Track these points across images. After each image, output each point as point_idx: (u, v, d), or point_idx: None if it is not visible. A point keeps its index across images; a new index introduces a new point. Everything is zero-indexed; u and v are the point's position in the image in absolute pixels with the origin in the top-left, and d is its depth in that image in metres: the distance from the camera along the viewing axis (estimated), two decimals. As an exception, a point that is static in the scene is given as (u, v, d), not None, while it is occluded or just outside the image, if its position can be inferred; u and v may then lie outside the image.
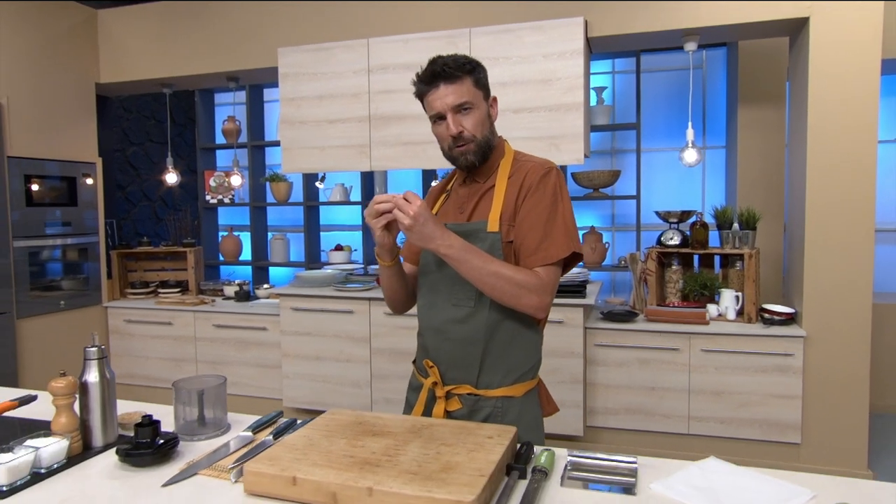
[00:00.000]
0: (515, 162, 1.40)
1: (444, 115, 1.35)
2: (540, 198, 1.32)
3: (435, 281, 1.41)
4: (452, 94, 1.33)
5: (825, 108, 2.75)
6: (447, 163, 3.40)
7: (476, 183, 1.43)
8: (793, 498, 1.04)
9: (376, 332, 3.39)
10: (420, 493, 0.97)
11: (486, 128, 1.38)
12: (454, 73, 1.33)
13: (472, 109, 1.35)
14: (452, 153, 1.40)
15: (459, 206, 1.44)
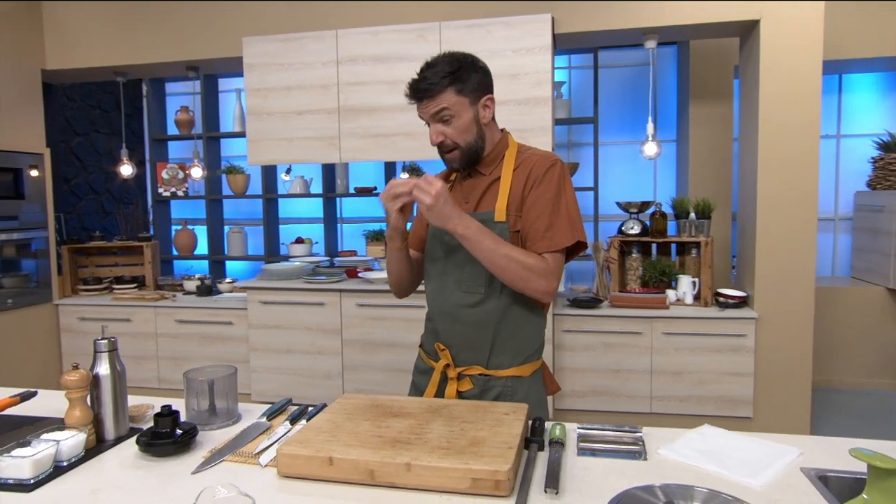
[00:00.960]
0: (520, 154, 1.46)
1: (429, 123, 1.41)
2: (546, 188, 1.38)
3: (443, 267, 1.46)
4: (431, 107, 1.38)
5: (774, 106, 2.95)
6: (418, 154, 3.43)
7: (480, 175, 1.47)
8: (784, 455, 1.15)
9: (347, 323, 3.40)
10: (457, 466, 1.02)
11: (472, 133, 1.40)
12: (432, 88, 1.37)
13: (454, 118, 1.38)
14: (442, 157, 1.46)
15: (465, 197, 1.48)
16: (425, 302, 1.56)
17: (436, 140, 1.40)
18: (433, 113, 1.38)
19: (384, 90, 3.29)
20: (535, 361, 1.48)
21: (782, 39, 2.91)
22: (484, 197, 1.44)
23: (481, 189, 1.45)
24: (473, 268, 1.40)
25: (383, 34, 3.27)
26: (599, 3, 3.08)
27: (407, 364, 3.28)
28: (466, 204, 1.47)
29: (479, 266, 1.38)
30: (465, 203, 1.47)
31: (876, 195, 4.05)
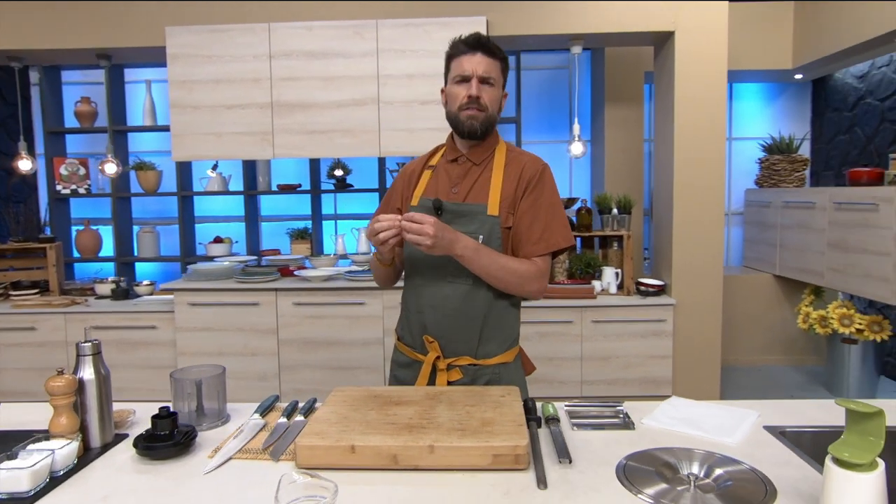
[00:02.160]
0: (509, 152, 1.53)
1: (470, 78, 1.45)
2: (540, 192, 1.47)
3: (426, 260, 1.50)
4: (485, 65, 1.45)
5: (687, 110, 3.24)
6: (356, 151, 3.42)
7: (470, 164, 1.52)
8: (746, 418, 1.31)
9: (284, 322, 3.33)
10: (478, 444, 1.08)
11: (496, 107, 1.50)
12: (494, 50, 1.47)
13: (494, 87, 1.47)
14: (461, 115, 1.47)
15: (452, 184, 1.52)
16: (364, 299, 1.59)
17: (476, 92, 1.44)
18: (483, 73, 1.44)
19: (320, 86, 3.26)
20: (515, 347, 1.56)
21: (694, 50, 3.20)
22: (473, 188, 1.49)
23: (472, 179, 1.50)
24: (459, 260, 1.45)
25: (318, 29, 3.23)
26: (531, 10, 3.23)
27: (347, 362, 3.29)
28: (454, 192, 1.51)
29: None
30: (453, 191, 1.51)
31: (763, 192, 4.53)
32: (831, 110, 4.61)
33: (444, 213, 1.47)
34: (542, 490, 1.02)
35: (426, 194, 1.54)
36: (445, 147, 1.61)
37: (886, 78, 4.01)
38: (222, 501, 1.00)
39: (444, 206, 1.47)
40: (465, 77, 1.47)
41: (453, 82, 1.51)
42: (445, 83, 1.55)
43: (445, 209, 1.47)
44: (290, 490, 0.74)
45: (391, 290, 3.28)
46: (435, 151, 1.64)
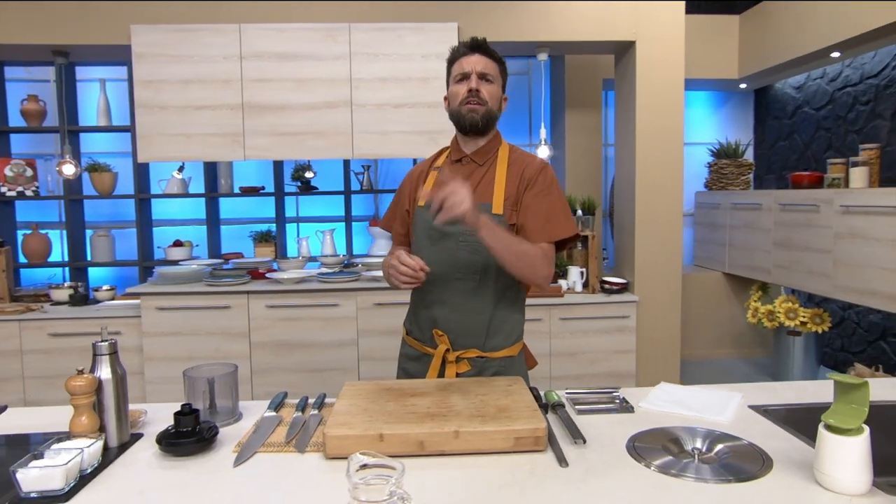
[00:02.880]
0: (512, 153, 1.60)
1: (469, 75, 1.52)
2: (542, 187, 1.53)
3: (434, 257, 1.55)
4: (483, 63, 1.53)
5: (648, 116, 3.41)
6: (328, 153, 3.41)
7: (475, 164, 1.58)
8: (731, 399, 1.43)
9: (256, 325, 3.30)
10: (501, 428, 1.15)
11: (496, 104, 1.56)
12: (491, 52, 1.56)
13: (493, 84, 1.54)
14: (461, 109, 1.53)
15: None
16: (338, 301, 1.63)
17: (475, 86, 1.51)
18: (482, 71, 1.52)
19: (291, 88, 3.26)
20: (520, 341, 1.64)
21: (653, 58, 3.38)
22: (478, 188, 1.55)
23: (476, 179, 1.56)
24: (467, 256, 1.51)
25: (290, 31, 3.23)
26: (501, 18, 3.33)
27: (321, 364, 3.30)
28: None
29: (471, 255, 1.50)
30: None
31: (712, 195, 4.79)
32: (772, 118, 4.93)
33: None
34: (564, 468, 1.09)
35: (433, 193, 1.59)
36: (450, 149, 1.66)
37: (821, 89, 4.33)
38: (260, 491, 1.03)
39: None
40: (464, 75, 1.54)
41: (454, 82, 1.57)
42: (447, 86, 1.61)
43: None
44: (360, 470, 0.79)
45: (365, 292, 3.31)
46: (440, 154, 1.69)
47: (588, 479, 1.06)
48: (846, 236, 3.28)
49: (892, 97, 3.70)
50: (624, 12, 3.35)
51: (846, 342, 4.17)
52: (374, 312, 3.32)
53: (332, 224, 4.61)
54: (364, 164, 4.39)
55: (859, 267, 3.19)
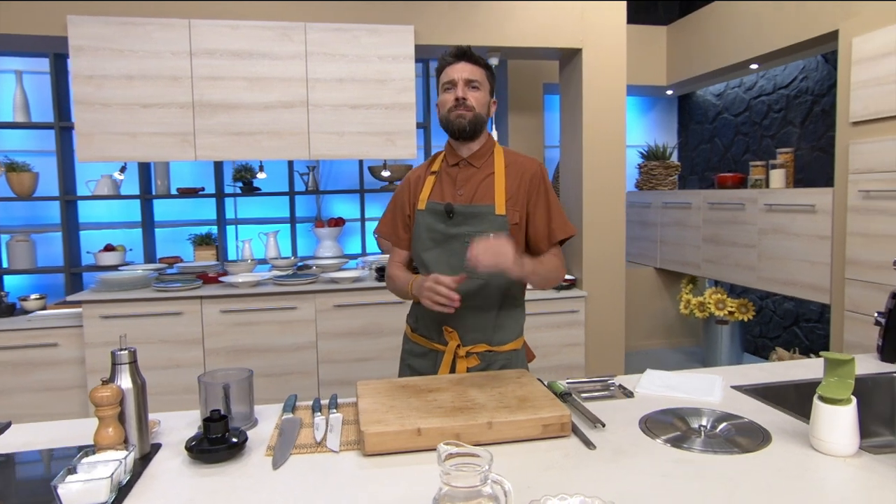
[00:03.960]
0: (507, 155, 1.66)
1: (456, 83, 1.57)
2: (540, 194, 1.62)
3: (440, 256, 1.60)
4: (469, 71, 1.58)
5: (594, 119, 3.60)
6: (283, 154, 3.36)
7: (472, 167, 1.63)
8: (714, 382, 1.57)
9: (210, 331, 3.20)
10: (530, 417, 1.22)
11: (484, 109, 1.60)
12: (476, 59, 1.60)
13: (479, 90, 1.59)
14: (450, 116, 1.58)
15: (456, 187, 1.62)
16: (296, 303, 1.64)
17: (462, 94, 1.56)
18: (468, 78, 1.57)
19: (245, 87, 3.18)
20: (522, 336, 1.71)
21: (599, 65, 3.57)
22: (478, 190, 1.61)
23: (476, 182, 1.61)
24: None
25: (244, 29, 3.15)
26: (455, 22, 3.40)
27: (279, 368, 3.25)
28: (459, 194, 1.61)
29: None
30: (458, 193, 1.61)
31: (643, 194, 5.09)
32: (695, 123, 5.30)
33: (455, 216, 1.59)
34: (592, 450, 1.18)
35: (432, 198, 1.64)
36: (445, 153, 1.70)
37: (738, 97, 4.72)
38: (308, 492, 1.04)
39: (454, 209, 1.58)
40: (451, 83, 1.59)
41: (442, 91, 1.62)
42: (437, 95, 1.66)
43: (456, 212, 1.58)
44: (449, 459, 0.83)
45: (323, 294, 3.28)
46: (435, 158, 1.73)
47: (618, 458, 1.15)
48: (769, 232, 3.61)
49: (800, 106, 4.10)
50: (571, 20, 3.51)
51: (764, 329, 4.57)
52: (333, 314, 3.30)
53: (275, 226, 4.52)
54: (309, 165, 4.33)
55: (781, 260, 3.52)
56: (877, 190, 2.81)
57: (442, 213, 1.60)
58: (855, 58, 2.92)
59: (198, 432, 1.21)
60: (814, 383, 1.25)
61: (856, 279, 2.95)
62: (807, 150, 4.03)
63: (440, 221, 1.61)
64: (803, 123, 4.08)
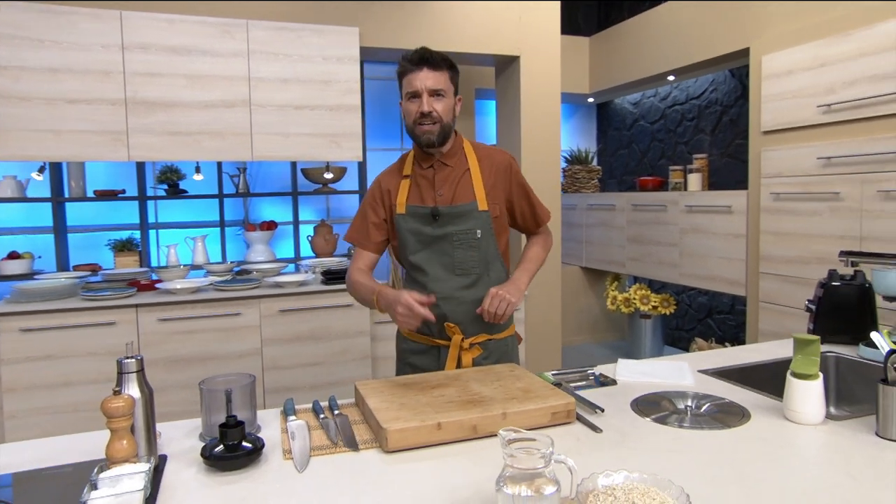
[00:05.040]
0: (476, 149, 1.71)
1: (420, 94, 1.55)
2: (517, 184, 1.72)
3: (430, 256, 1.63)
4: (432, 79, 1.56)
5: (532, 124, 3.75)
6: (225, 155, 3.26)
7: (446, 166, 1.67)
8: (682, 368, 1.71)
9: (147, 341, 3.02)
10: (540, 406, 1.28)
11: (450, 116, 1.62)
12: (438, 63, 1.57)
13: (444, 97, 1.58)
14: (416, 130, 1.59)
15: (434, 189, 1.66)
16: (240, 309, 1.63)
17: (428, 108, 1.55)
18: (431, 87, 1.55)
19: (184, 84, 3.04)
20: (513, 322, 1.81)
21: (536, 72, 3.72)
22: (458, 189, 1.65)
23: (454, 181, 1.66)
24: (464, 252, 1.62)
25: (181, 24, 3.01)
26: (400, 26, 3.43)
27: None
28: (439, 195, 1.65)
29: (468, 251, 1.62)
30: (438, 195, 1.65)
31: (568, 197, 5.34)
32: (613, 129, 5.63)
33: (441, 217, 1.63)
34: (599, 433, 1.26)
35: (410, 201, 1.67)
36: (413, 154, 1.72)
37: (654, 106, 5.07)
38: (343, 490, 1.05)
39: (440, 212, 1.62)
40: (415, 93, 1.57)
41: (406, 99, 1.61)
42: (401, 97, 1.65)
43: (441, 214, 1.63)
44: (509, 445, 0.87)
45: (268, 299, 3.20)
46: (404, 160, 1.74)
47: (625, 439, 1.23)
48: (690, 231, 3.92)
49: (711, 115, 4.47)
50: (509, 27, 3.64)
51: (680, 322, 4.93)
52: (278, 320, 3.22)
53: (203, 230, 4.33)
54: (239, 167, 4.19)
55: (701, 257, 3.83)
56: (786, 192, 3.14)
57: (427, 216, 1.63)
58: (764, 74, 3.25)
59: (210, 440, 1.17)
60: (767, 364, 1.41)
61: (768, 273, 3.28)
62: (717, 156, 4.41)
63: (425, 224, 1.64)
64: (713, 131, 4.45)
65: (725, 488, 1.02)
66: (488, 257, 1.66)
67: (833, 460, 1.13)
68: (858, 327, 1.83)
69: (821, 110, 2.93)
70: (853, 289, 1.86)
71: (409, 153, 1.76)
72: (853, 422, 1.29)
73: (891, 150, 2.62)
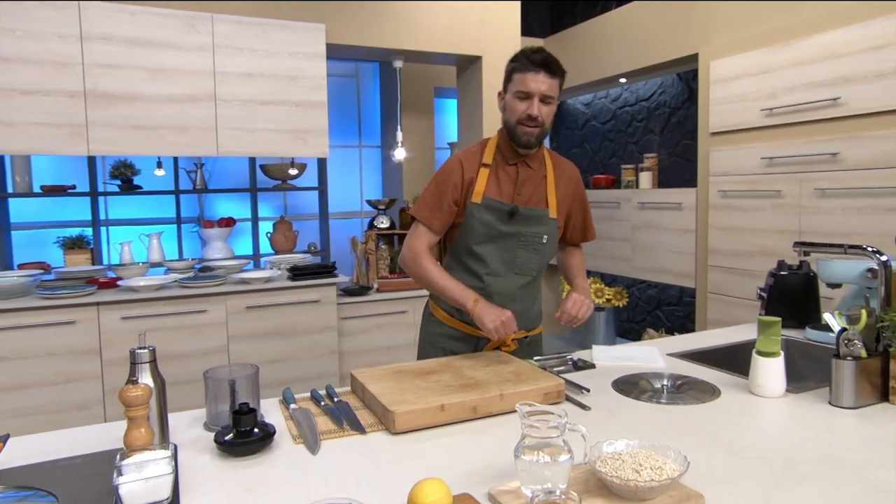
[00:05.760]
0: (552, 157, 1.77)
1: (533, 96, 1.56)
2: (582, 196, 1.82)
3: (494, 252, 1.68)
4: (547, 85, 1.57)
5: (493, 123, 3.84)
6: (190, 150, 3.20)
7: (530, 169, 1.70)
8: (653, 351, 1.83)
9: (109, 339, 2.95)
10: (533, 387, 1.37)
11: (550, 121, 1.64)
12: (556, 70, 1.59)
13: (552, 104, 1.61)
14: (518, 129, 1.61)
15: (515, 188, 1.69)
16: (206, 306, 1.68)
17: (537, 112, 1.57)
18: (545, 92, 1.56)
19: (146, 77, 2.97)
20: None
21: (498, 71, 3.82)
22: (535, 192, 1.71)
23: (533, 184, 1.71)
24: (527, 254, 1.70)
25: (143, 15, 2.95)
26: (365, 24, 3.46)
27: (186, 375, 3.10)
28: (518, 195, 1.69)
29: (531, 253, 1.70)
30: (517, 194, 1.69)
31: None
32: (565, 129, 5.82)
33: (516, 217, 1.68)
34: (588, 411, 1.36)
35: (489, 193, 1.68)
36: (497, 145, 1.71)
37: (605, 107, 5.27)
38: (359, 470, 1.10)
39: (518, 212, 1.67)
40: (527, 94, 1.57)
41: (514, 96, 1.60)
42: (505, 90, 1.67)
43: (519, 214, 1.68)
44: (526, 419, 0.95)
45: (234, 295, 3.17)
46: (484, 146, 1.73)
47: (611, 415, 1.34)
48: (642, 227, 4.11)
49: (660, 117, 4.70)
50: (472, 28, 3.73)
51: (631, 314, 5.16)
52: (245, 316, 3.21)
53: (158, 227, 4.22)
54: (196, 162, 4.11)
55: (653, 251, 4.03)
56: (732, 190, 3.35)
57: (503, 212, 1.66)
58: (713, 78, 3.46)
59: (222, 427, 1.20)
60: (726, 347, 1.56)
61: (716, 266, 3.50)
62: (665, 155, 4.64)
63: (499, 219, 1.67)
64: (662, 132, 4.68)
65: (711, 452, 1.14)
66: (544, 262, 1.75)
67: (796, 427, 1.26)
68: (804, 312, 2.01)
69: (764, 114, 3.15)
70: (800, 277, 2.04)
71: (490, 140, 1.74)
72: (809, 394, 1.44)
73: (825, 151, 2.86)
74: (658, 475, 0.90)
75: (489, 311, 1.56)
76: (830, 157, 2.84)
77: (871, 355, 1.36)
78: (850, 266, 1.84)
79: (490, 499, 0.96)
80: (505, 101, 1.66)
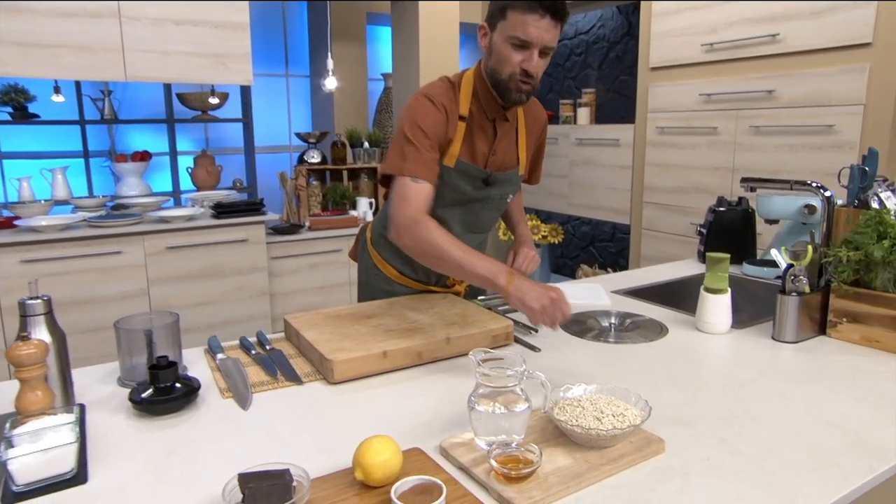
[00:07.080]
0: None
1: (533, 46, 1.26)
2: (543, 142, 1.64)
3: (456, 214, 1.52)
4: (550, 34, 1.26)
5: (430, 52, 3.64)
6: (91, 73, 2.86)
7: (507, 123, 1.46)
8: (598, 288, 1.80)
9: (8, 286, 2.66)
10: (481, 330, 1.30)
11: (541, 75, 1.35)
12: (563, 14, 1.26)
13: (548, 55, 1.30)
14: (510, 83, 1.31)
15: (489, 148, 1.45)
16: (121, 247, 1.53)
17: (535, 70, 1.29)
18: (547, 43, 1.26)
19: (35, -12, 2.58)
20: None
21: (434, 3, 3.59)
22: (508, 149, 1.50)
23: (507, 142, 1.49)
24: (489, 214, 1.57)
25: (24, -90, 2.52)
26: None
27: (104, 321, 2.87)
28: (493, 156, 1.46)
29: (492, 212, 1.57)
30: (493, 154, 1.46)
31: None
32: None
33: (490, 183, 1.48)
34: (538, 353, 1.31)
35: (462, 156, 1.42)
36: (474, 92, 1.41)
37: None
38: (295, 424, 1.01)
39: (493, 179, 1.47)
40: (526, 43, 1.26)
41: (508, 41, 1.27)
42: (492, 27, 1.32)
43: (493, 179, 1.48)
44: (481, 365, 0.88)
45: (153, 235, 2.93)
46: (455, 89, 1.41)
47: (562, 355, 1.30)
48: (579, 164, 4.09)
49: (599, 51, 4.62)
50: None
51: (565, 250, 5.22)
52: (166, 257, 2.98)
53: (62, 161, 3.82)
54: (102, 90, 3.71)
55: (590, 188, 4.03)
56: (670, 126, 3.35)
57: (477, 179, 1.46)
58: (654, 11, 3.38)
59: (138, 384, 1.06)
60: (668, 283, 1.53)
61: (651, 202, 3.53)
62: (603, 91, 4.58)
63: (470, 185, 1.46)
64: (600, 67, 4.61)
65: (666, 391, 1.11)
66: (500, 216, 1.64)
67: (744, 361, 1.26)
68: (742, 248, 2.03)
69: (703, 49, 3.12)
70: (738, 213, 2.05)
71: (462, 82, 1.41)
72: (752, 329, 1.45)
73: (762, 88, 2.86)
74: (620, 422, 0.85)
75: (532, 289, 1.16)
76: (766, 94, 2.86)
77: (814, 291, 1.37)
78: (788, 202, 1.86)
79: (442, 453, 0.89)
80: (493, 42, 1.32)
